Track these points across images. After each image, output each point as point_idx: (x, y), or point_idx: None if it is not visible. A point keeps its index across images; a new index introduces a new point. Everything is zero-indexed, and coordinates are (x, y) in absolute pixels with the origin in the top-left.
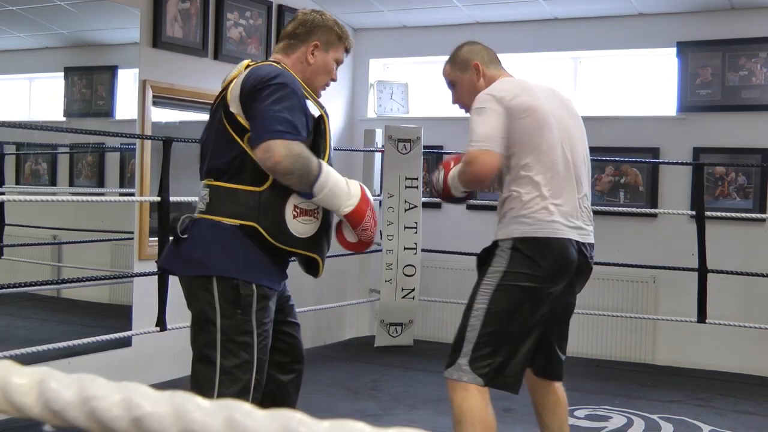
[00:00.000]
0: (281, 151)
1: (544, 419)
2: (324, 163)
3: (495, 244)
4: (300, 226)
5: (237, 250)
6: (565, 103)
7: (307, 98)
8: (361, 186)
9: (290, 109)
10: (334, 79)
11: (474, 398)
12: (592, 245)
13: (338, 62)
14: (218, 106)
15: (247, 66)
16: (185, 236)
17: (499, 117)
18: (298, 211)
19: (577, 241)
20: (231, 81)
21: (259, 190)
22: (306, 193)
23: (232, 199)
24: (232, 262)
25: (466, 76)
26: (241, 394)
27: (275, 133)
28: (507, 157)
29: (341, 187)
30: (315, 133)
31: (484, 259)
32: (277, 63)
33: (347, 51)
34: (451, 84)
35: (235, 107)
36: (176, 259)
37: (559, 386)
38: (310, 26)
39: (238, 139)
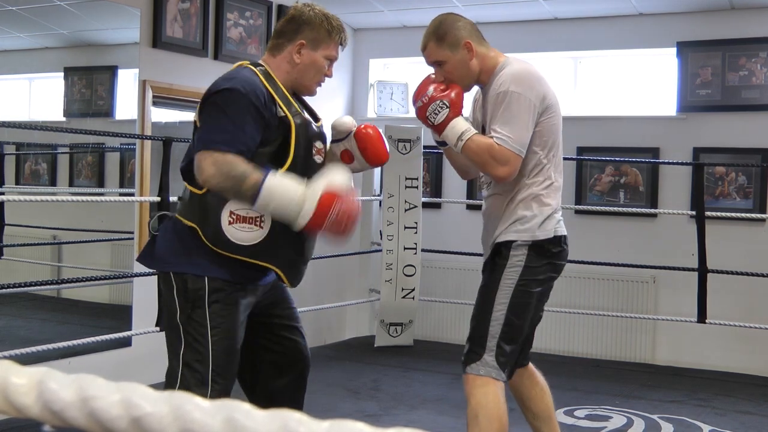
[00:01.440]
0: (209, 170)
1: (532, 409)
2: (268, 182)
3: (505, 242)
4: (238, 233)
5: (188, 247)
6: None
7: (278, 103)
8: (323, 198)
9: (233, 118)
10: (328, 76)
11: (495, 394)
12: None
13: (330, 59)
14: None
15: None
16: (156, 233)
17: (533, 117)
18: (234, 217)
19: (567, 236)
20: None
21: (200, 193)
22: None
23: (185, 200)
24: (184, 258)
25: (457, 55)
26: (200, 387)
27: (208, 146)
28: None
29: (289, 205)
30: (282, 140)
31: (498, 253)
32: (256, 66)
33: (341, 45)
34: (437, 63)
35: (196, 114)
36: (146, 254)
37: (539, 375)
38: (298, 23)
39: (194, 140)
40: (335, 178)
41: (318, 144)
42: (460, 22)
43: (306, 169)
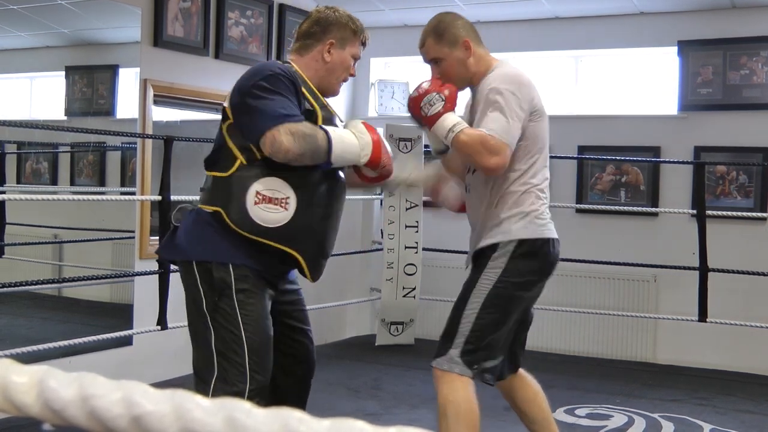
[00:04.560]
0: (287, 140)
1: (527, 413)
2: (330, 131)
3: (492, 243)
4: (263, 214)
5: (212, 234)
6: None
7: (306, 96)
8: (369, 130)
9: (281, 95)
10: (352, 75)
11: (460, 390)
12: None
13: (355, 57)
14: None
15: None
16: (178, 225)
17: (522, 114)
18: (260, 197)
19: (557, 239)
20: None
21: (226, 175)
22: (325, 163)
23: (209, 187)
24: (207, 246)
25: (455, 53)
26: (239, 376)
27: (273, 122)
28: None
29: (353, 144)
30: None
31: (481, 254)
32: (284, 63)
33: (363, 45)
34: (434, 60)
35: (227, 101)
36: (166, 246)
37: (531, 378)
38: (325, 24)
39: (222, 128)
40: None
41: None
42: (459, 21)
43: None
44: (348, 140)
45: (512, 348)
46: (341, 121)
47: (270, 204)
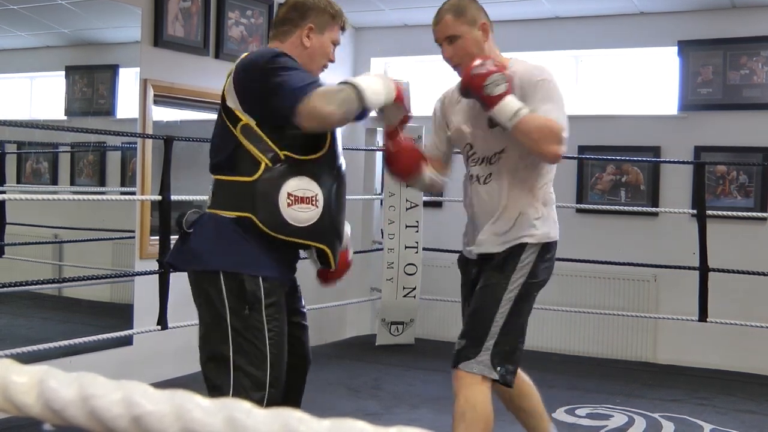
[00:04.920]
0: (324, 105)
1: (521, 407)
2: (352, 81)
3: (515, 245)
4: (297, 214)
5: (239, 244)
6: None
7: None
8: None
9: (294, 68)
10: (332, 60)
11: (483, 393)
12: None
13: (335, 43)
14: (221, 103)
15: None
16: (190, 231)
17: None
18: (292, 198)
19: None
20: (228, 77)
21: (252, 179)
22: (363, 113)
23: (230, 192)
24: (236, 256)
25: (473, 32)
26: (257, 391)
27: (303, 93)
28: (520, 156)
29: (377, 83)
30: None
31: (509, 255)
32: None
33: (342, 29)
34: (450, 38)
35: (231, 101)
36: (181, 254)
37: (524, 374)
38: (303, 9)
39: (234, 131)
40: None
41: None
42: (477, 4)
43: (338, 150)
44: (370, 82)
45: None
46: None
47: (302, 204)
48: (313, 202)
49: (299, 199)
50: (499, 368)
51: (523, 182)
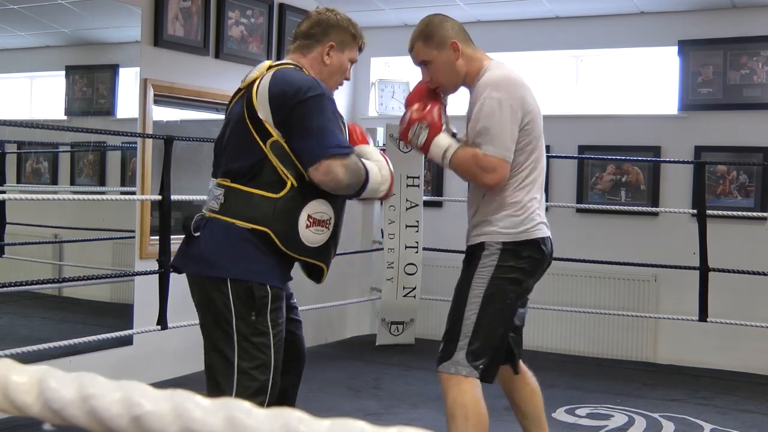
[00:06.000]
0: (340, 171)
1: (522, 409)
2: (368, 166)
3: (479, 243)
4: (312, 236)
5: (250, 253)
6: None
7: None
8: (386, 161)
9: (333, 120)
10: (347, 78)
11: (468, 392)
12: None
13: (352, 61)
14: (240, 106)
15: (269, 67)
16: (197, 234)
17: (516, 121)
18: (311, 220)
19: (549, 237)
20: (253, 81)
21: (276, 196)
22: (352, 195)
23: (248, 203)
24: (246, 264)
25: (444, 54)
26: (258, 394)
27: (331, 150)
28: None
29: (377, 180)
30: None
31: (472, 254)
32: (297, 65)
33: (360, 50)
34: (423, 63)
35: (263, 113)
36: (188, 258)
37: (531, 376)
38: (326, 26)
39: (262, 145)
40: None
41: None
42: (447, 22)
43: None
44: (375, 176)
45: (518, 339)
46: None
47: (319, 226)
48: (327, 225)
49: (317, 222)
50: (476, 365)
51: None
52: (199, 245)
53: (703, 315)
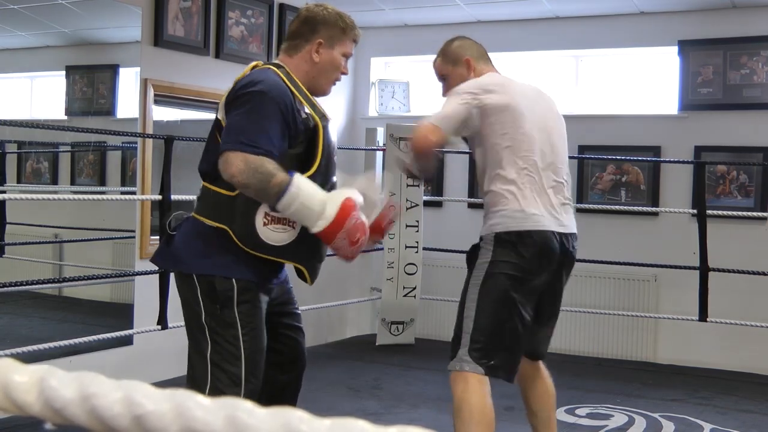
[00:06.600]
0: (238, 165)
1: (532, 407)
2: (296, 181)
3: (479, 240)
4: (272, 234)
5: (215, 249)
6: (547, 101)
7: (303, 104)
8: (344, 204)
9: (261, 120)
10: (344, 73)
11: (474, 389)
12: (574, 236)
13: (346, 56)
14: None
15: (253, 68)
16: (173, 232)
17: (467, 107)
18: (269, 218)
19: (559, 233)
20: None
21: (233, 195)
22: (272, 207)
23: (211, 201)
24: (209, 260)
25: (458, 70)
26: (233, 386)
27: (236, 145)
28: (483, 154)
29: (311, 208)
30: (308, 141)
31: (472, 255)
32: (277, 67)
33: (355, 42)
34: (442, 77)
35: (221, 113)
36: (162, 255)
37: (547, 376)
38: (313, 23)
39: (220, 142)
40: (355, 192)
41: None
42: (466, 42)
43: (330, 170)
44: (309, 201)
45: (539, 335)
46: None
47: (278, 224)
48: (290, 223)
49: (275, 220)
50: (484, 362)
51: (483, 186)
52: (173, 242)
53: (703, 315)
